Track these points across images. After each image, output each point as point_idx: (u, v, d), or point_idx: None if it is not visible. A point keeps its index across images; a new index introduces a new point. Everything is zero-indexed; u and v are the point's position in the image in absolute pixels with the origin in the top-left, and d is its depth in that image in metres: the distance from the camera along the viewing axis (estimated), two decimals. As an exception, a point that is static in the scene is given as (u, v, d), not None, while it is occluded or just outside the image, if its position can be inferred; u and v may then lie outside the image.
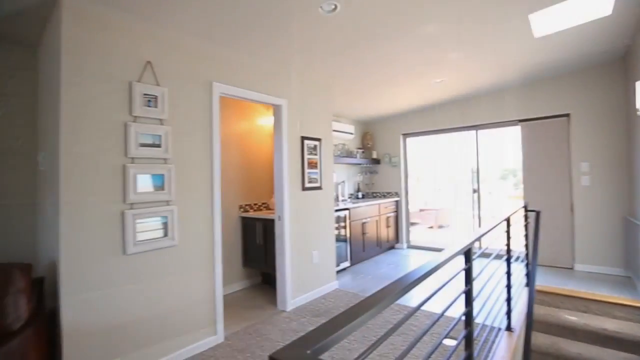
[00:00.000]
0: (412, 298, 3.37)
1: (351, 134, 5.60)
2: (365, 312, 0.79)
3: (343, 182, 5.57)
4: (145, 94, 2.29)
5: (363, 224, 5.00)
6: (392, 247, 5.87)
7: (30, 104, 2.61)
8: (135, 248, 2.16)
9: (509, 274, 2.57)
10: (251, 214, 4.03)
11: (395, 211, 5.92)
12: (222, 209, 2.73)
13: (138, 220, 2.18)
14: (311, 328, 2.87)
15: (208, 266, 2.62)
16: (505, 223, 2.53)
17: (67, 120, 1.96)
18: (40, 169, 2.42)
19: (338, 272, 4.38)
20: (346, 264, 4.62)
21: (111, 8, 2.13)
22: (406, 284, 0.98)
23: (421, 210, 7.76)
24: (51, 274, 2.08)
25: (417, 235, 6.51)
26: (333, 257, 3.93)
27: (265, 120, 4.39)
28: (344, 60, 3.25)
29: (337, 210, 4.44)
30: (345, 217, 4.62)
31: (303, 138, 3.56)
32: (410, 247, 5.98)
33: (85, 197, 2.00)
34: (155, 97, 2.34)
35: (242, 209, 4.08)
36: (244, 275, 4.06)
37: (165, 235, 2.32)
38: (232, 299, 3.64)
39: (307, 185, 3.59)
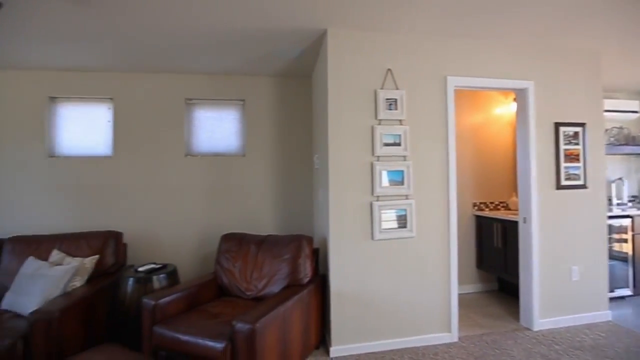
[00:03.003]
0: None
1: (634, 112, 4.05)
2: None
3: (620, 179, 4.12)
4: (387, 99, 2.56)
5: (659, 239, 3.52)
6: None
7: (308, 119, 3.51)
8: (381, 235, 2.48)
9: None
10: (487, 213, 3.69)
11: None
12: (456, 206, 2.67)
13: (382, 211, 2.48)
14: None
15: (443, 262, 2.63)
16: None
17: (332, 127, 2.49)
18: (315, 167, 3.21)
19: (611, 299, 3.29)
20: (625, 291, 3.40)
21: (361, 31, 2.52)
22: None
23: None
24: (322, 247, 2.73)
25: None
26: (604, 279, 2.99)
27: (503, 109, 3.89)
28: (615, 11, 2.37)
29: (610, 217, 3.35)
30: (625, 227, 3.41)
31: (557, 124, 2.90)
32: None
33: (345, 189, 2.48)
34: (395, 100, 2.57)
35: (476, 207, 3.82)
36: (477, 278, 3.80)
37: (404, 226, 2.52)
38: (464, 300, 3.49)
39: (564, 182, 2.90)
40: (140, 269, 2.62)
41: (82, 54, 2.80)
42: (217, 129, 3.41)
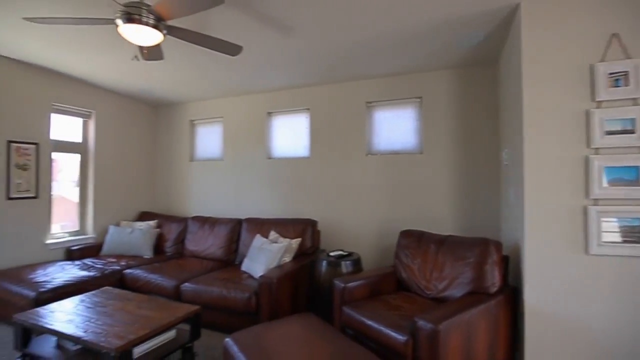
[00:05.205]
0: None
1: None
2: None
3: None
4: (610, 74, 1.98)
5: None
6: None
7: (493, 111, 3.13)
8: (600, 249, 1.95)
9: None
10: None
11: None
12: None
13: (603, 219, 1.94)
14: None
15: None
16: None
17: (529, 117, 2.13)
18: (504, 164, 2.84)
19: None
20: None
21: (574, -7, 2.04)
22: None
23: None
24: (514, 255, 2.40)
25: None
26: None
27: None
28: None
29: None
30: None
31: None
32: None
33: (546, 189, 2.08)
34: (625, 74, 1.95)
35: None
36: None
37: (637, 242, 1.88)
38: None
39: None
40: (332, 253, 3.05)
41: (288, 76, 3.49)
42: (394, 128, 3.53)
